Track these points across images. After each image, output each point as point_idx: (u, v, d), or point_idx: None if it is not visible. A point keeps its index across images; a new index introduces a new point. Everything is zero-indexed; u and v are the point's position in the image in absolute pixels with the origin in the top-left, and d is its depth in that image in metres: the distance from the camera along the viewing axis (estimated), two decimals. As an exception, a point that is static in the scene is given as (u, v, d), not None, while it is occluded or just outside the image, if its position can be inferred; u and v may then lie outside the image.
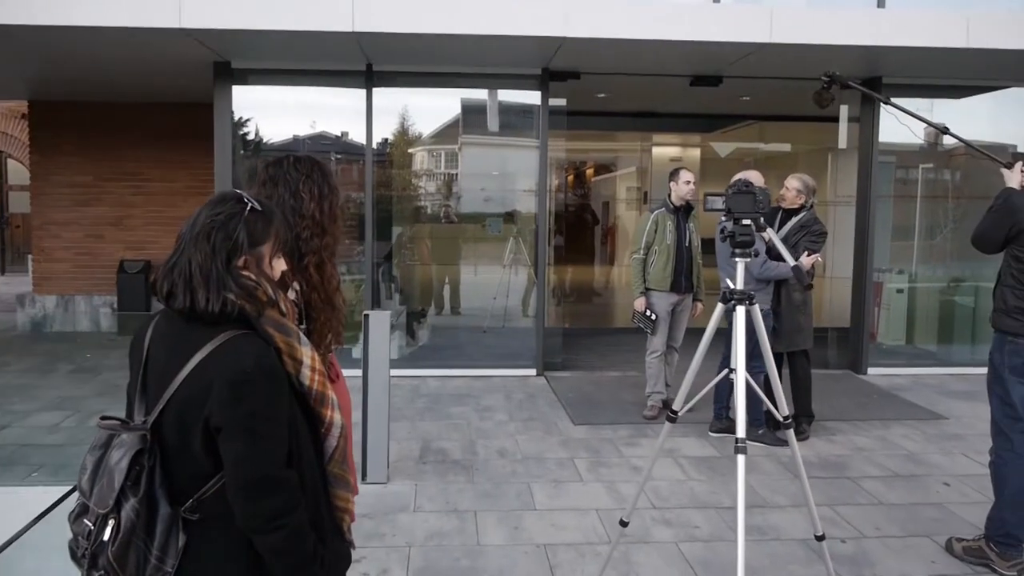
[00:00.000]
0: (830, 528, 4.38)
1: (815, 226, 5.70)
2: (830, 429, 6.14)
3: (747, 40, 6.48)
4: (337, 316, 2.37)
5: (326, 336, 2.36)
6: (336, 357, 2.63)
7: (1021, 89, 8.11)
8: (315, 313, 2.32)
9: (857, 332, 8.18)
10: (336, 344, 2.44)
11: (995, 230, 3.89)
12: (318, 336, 2.32)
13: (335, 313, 2.36)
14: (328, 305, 2.34)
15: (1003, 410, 3.97)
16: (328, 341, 2.38)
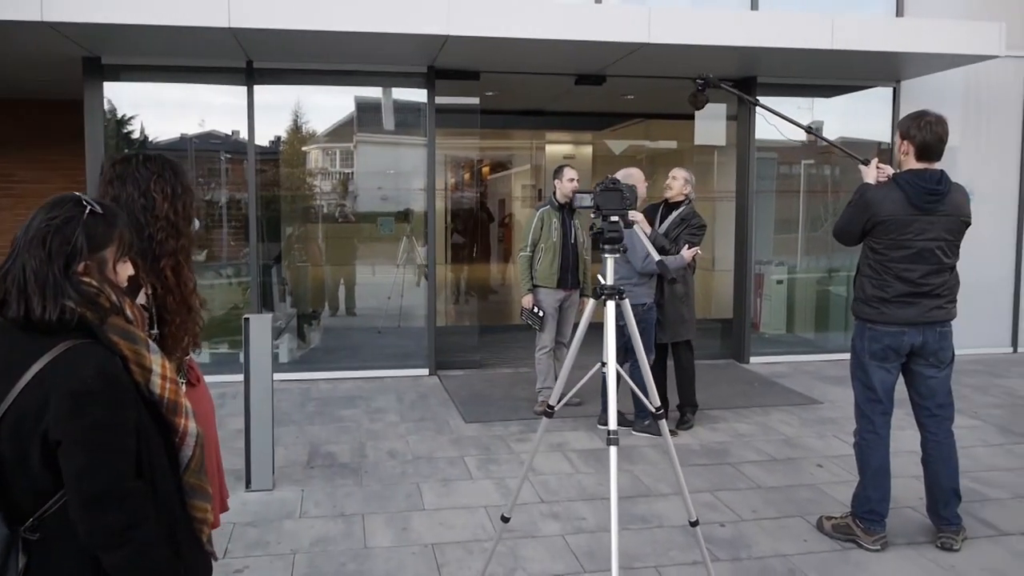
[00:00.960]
0: (711, 513, 4.53)
1: (694, 219, 5.88)
2: (714, 417, 6.35)
3: (626, 40, 6.61)
4: (194, 319, 2.30)
5: (183, 340, 2.28)
6: (195, 361, 2.56)
7: (885, 88, 8.54)
8: (171, 316, 2.24)
9: (739, 323, 8.48)
10: (194, 348, 2.37)
11: (853, 223, 4.09)
12: (174, 340, 2.25)
13: (191, 316, 2.29)
14: (184, 308, 2.27)
15: (865, 394, 4.18)
16: (186, 345, 2.31)
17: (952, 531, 4.12)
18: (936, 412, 4.15)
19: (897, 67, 7.93)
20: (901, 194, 3.95)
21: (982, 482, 5.02)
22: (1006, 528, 4.37)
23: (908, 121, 4.05)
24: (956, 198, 4.02)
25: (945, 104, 8.32)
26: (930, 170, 3.96)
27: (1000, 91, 8.78)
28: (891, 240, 3.96)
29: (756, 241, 8.73)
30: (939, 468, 4.15)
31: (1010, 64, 8.64)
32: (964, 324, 8.56)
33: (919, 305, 3.99)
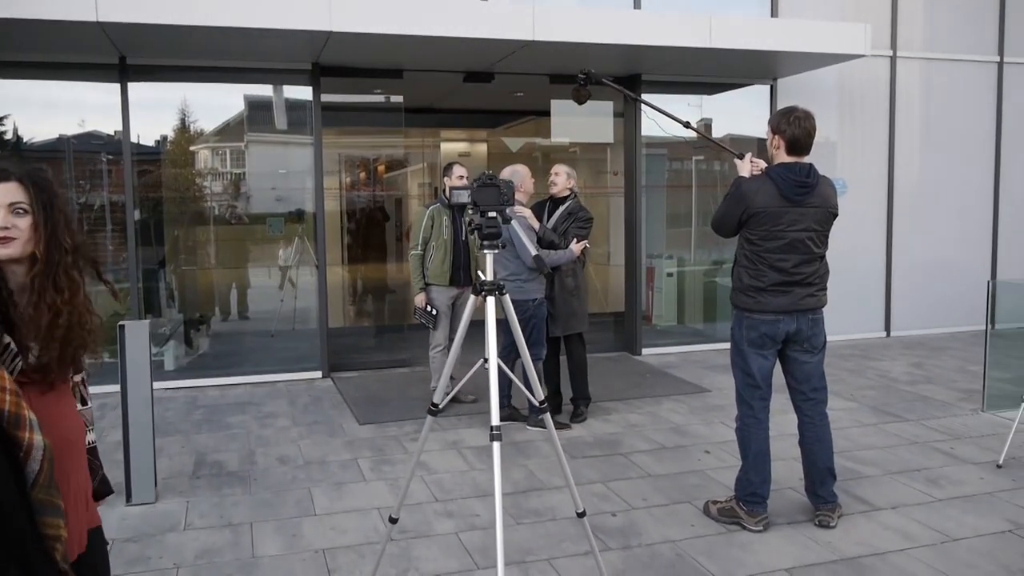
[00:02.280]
0: (603, 504, 4.60)
1: (581, 213, 5.96)
2: (606, 409, 6.45)
3: (511, 38, 6.65)
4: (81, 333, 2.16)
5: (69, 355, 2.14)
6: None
7: (763, 86, 8.86)
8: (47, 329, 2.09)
9: (631, 316, 8.66)
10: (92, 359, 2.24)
11: (729, 215, 4.22)
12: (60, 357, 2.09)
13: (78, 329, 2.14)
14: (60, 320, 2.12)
15: (744, 380, 4.32)
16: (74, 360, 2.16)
17: (828, 509, 4.31)
18: (811, 396, 4.34)
19: (773, 65, 8.25)
20: (773, 186, 4.09)
21: (857, 460, 5.27)
22: (878, 503, 4.60)
23: (778, 117, 4.20)
24: (824, 190, 4.19)
25: (821, 101, 8.77)
26: (800, 164, 4.12)
27: (870, 89, 9.24)
28: (765, 231, 4.10)
29: (647, 235, 8.93)
30: (815, 449, 4.34)
31: (879, 63, 9.12)
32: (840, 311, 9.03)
33: (792, 293, 4.14)
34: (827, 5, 8.84)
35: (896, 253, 9.44)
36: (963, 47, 9.53)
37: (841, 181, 9.11)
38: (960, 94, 9.60)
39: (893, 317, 9.47)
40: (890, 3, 9.18)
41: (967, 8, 9.56)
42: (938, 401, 6.69)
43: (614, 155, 10.47)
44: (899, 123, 9.36)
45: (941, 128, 9.56)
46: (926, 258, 9.44)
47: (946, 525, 4.31)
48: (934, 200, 9.52)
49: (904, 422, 6.12)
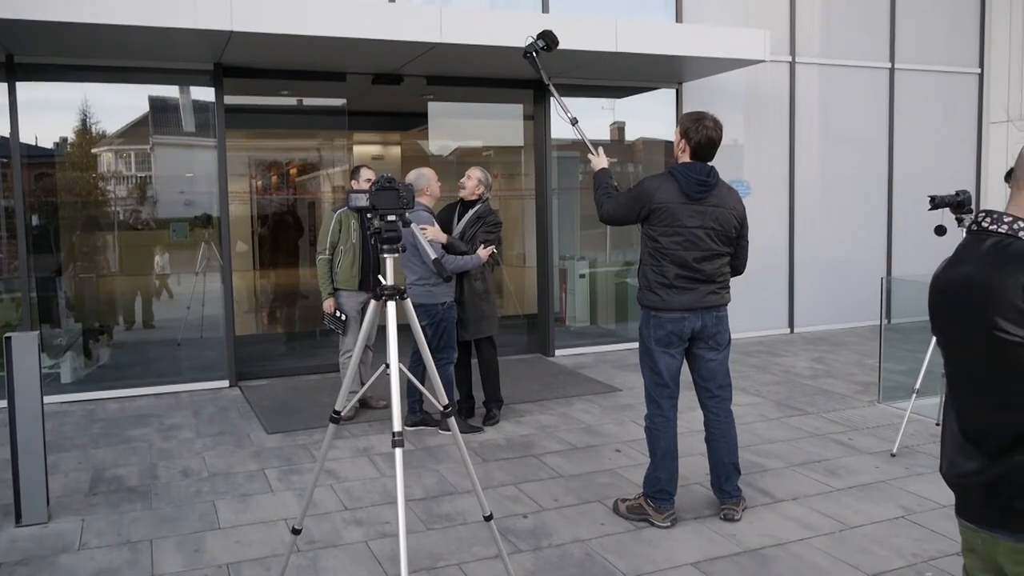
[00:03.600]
0: (514, 506, 4.60)
1: (490, 217, 5.96)
2: (519, 411, 6.47)
3: (419, 40, 6.60)
4: None
5: None
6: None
7: (669, 90, 9.04)
8: None
9: (544, 317, 8.71)
10: None
11: (630, 208, 4.29)
12: None
13: None
14: None
15: (653, 379, 4.39)
16: None
17: (733, 503, 4.41)
18: (716, 393, 4.43)
19: (678, 69, 8.43)
20: (675, 183, 4.18)
21: (761, 454, 5.42)
22: (780, 495, 4.73)
23: (688, 121, 4.28)
24: (726, 193, 4.30)
25: (726, 104, 8.99)
26: (701, 164, 4.21)
27: (772, 93, 9.53)
28: (666, 227, 4.18)
29: (561, 237, 9.01)
30: (720, 445, 4.43)
31: (779, 68, 9.42)
32: (746, 309, 9.29)
33: (696, 291, 4.23)
34: (729, 12, 9.08)
35: (798, 252, 9.76)
36: (857, 54, 9.93)
37: (746, 183, 9.39)
38: (855, 98, 10.00)
39: (796, 314, 9.78)
40: (788, 11, 9.49)
41: (860, 17, 9.96)
42: (838, 394, 6.94)
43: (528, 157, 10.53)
44: (799, 126, 9.68)
45: (838, 131, 9.93)
46: (826, 256, 9.79)
47: (843, 514, 4.46)
48: (833, 200, 9.88)
49: (806, 415, 6.32)
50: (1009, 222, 1.92)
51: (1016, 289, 1.82)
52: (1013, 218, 1.92)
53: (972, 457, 2.00)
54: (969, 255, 1.98)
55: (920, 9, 10.21)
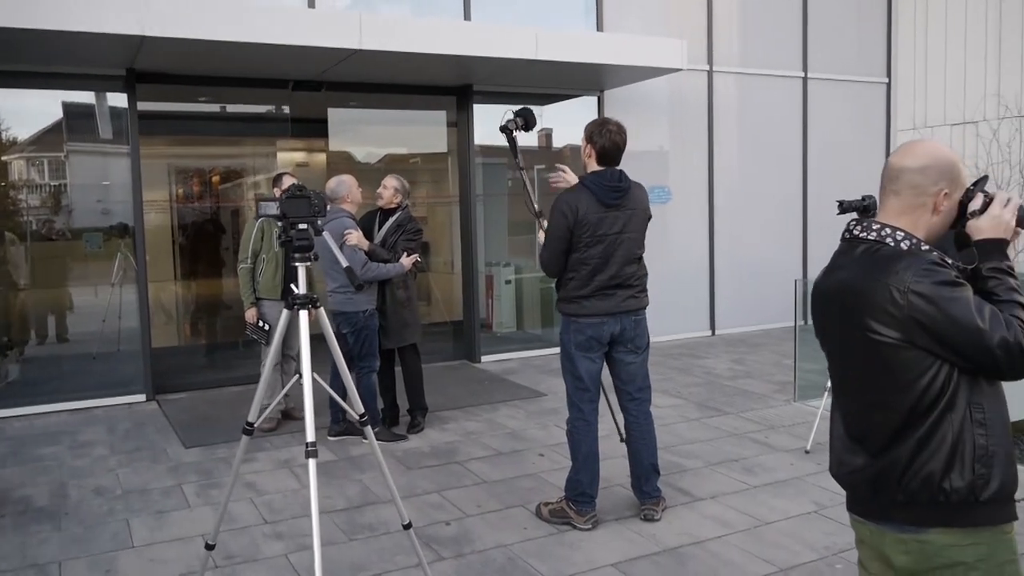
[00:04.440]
0: (437, 513, 4.59)
1: (410, 224, 5.95)
2: (444, 418, 6.46)
3: (338, 46, 6.55)
4: None
5: None
6: None
7: (591, 97, 9.17)
8: None
9: (470, 324, 8.72)
10: None
11: (559, 242, 4.24)
12: None
13: None
14: None
15: (574, 383, 4.43)
16: None
17: (653, 503, 4.49)
18: (636, 395, 4.50)
19: (599, 77, 8.56)
20: (589, 194, 4.23)
21: (681, 455, 5.53)
22: (699, 494, 4.84)
23: (592, 127, 4.35)
24: (637, 194, 4.37)
25: (647, 112, 9.18)
26: (610, 170, 4.28)
27: (692, 101, 9.74)
28: (589, 238, 4.22)
29: (487, 243, 9.04)
30: (640, 447, 4.51)
31: (698, 77, 9.64)
32: (669, 312, 9.46)
33: (615, 296, 4.29)
34: (649, 22, 9.24)
35: (718, 256, 9.99)
36: (772, 63, 10.23)
37: (666, 189, 9.58)
38: (771, 106, 10.30)
39: (717, 317, 10.01)
40: (706, 22, 9.73)
41: (775, 28, 10.27)
42: (756, 394, 7.12)
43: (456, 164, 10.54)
44: (718, 134, 9.91)
45: (756, 138, 10.21)
46: (745, 260, 10.04)
47: (759, 510, 4.58)
48: (751, 206, 10.14)
49: (725, 415, 6.47)
50: (877, 229, 2.02)
51: (884, 292, 1.92)
52: (881, 225, 2.03)
53: (857, 454, 2.09)
54: (843, 262, 2.08)
55: (831, 21, 10.57)
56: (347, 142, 12.25)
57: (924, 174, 2.01)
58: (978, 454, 1.93)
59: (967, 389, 1.94)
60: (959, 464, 1.93)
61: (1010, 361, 1.88)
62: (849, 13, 10.79)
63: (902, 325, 1.91)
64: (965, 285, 1.92)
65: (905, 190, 2.03)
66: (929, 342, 1.90)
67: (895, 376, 1.96)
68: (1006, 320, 1.89)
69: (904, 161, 2.04)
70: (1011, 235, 2.01)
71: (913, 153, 2.05)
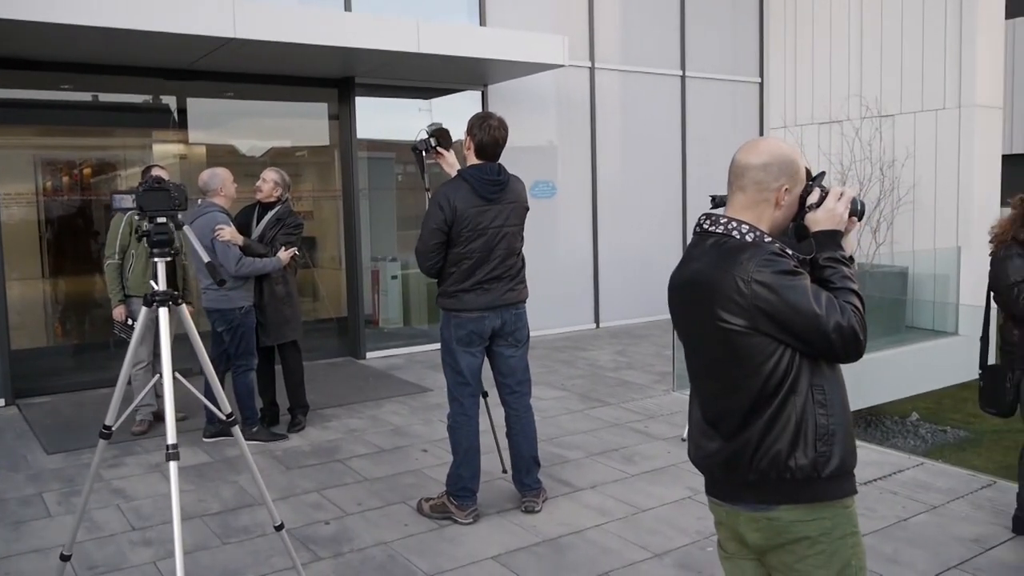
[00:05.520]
0: (317, 513, 4.51)
1: (290, 219, 5.81)
2: (326, 416, 6.35)
3: (210, 34, 6.32)
4: None
5: None
6: None
7: (475, 92, 9.18)
8: None
9: (354, 319, 8.60)
10: None
11: (434, 235, 4.20)
12: None
13: None
14: None
15: (455, 378, 4.43)
16: None
17: (533, 495, 4.54)
18: (516, 388, 4.54)
19: (482, 72, 8.57)
20: (468, 187, 4.23)
21: (563, 446, 5.61)
22: (580, 484, 4.92)
23: (475, 120, 4.35)
24: (516, 187, 4.40)
25: (532, 107, 9.26)
26: (489, 164, 4.29)
27: (576, 97, 9.88)
28: (469, 232, 4.22)
29: (374, 238, 8.93)
30: (520, 439, 4.54)
31: (581, 73, 9.79)
32: (554, 306, 9.59)
33: (495, 290, 4.31)
34: (532, 18, 9.31)
35: (602, 250, 10.17)
36: (652, 61, 10.49)
37: (551, 183, 9.70)
38: (652, 104, 10.56)
39: (601, 310, 10.20)
40: (587, 19, 9.88)
41: (654, 27, 10.54)
42: (637, 384, 7.30)
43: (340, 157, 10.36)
44: (600, 129, 10.09)
45: (638, 134, 10.45)
46: (628, 253, 10.26)
47: (636, 498, 4.70)
48: (634, 200, 10.37)
49: (607, 406, 6.61)
50: (725, 223, 2.11)
51: (732, 282, 2.00)
52: (728, 219, 2.11)
53: (712, 438, 2.17)
54: (696, 254, 2.16)
55: (707, 22, 10.92)
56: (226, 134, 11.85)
57: (766, 171, 2.10)
58: (820, 432, 2.03)
59: (809, 372, 2.04)
60: (803, 443, 2.03)
61: (844, 344, 1.99)
62: (724, 14, 11.18)
63: (747, 313, 1.99)
64: (803, 274, 2.02)
65: (749, 186, 2.11)
66: (772, 328, 1.99)
67: (743, 362, 2.04)
68: (840, 306, 2.00)
69: (748, 158, 2.13)
70: (844, 226, 2.13)
71: (756, 151, 2.14)
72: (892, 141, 9.69)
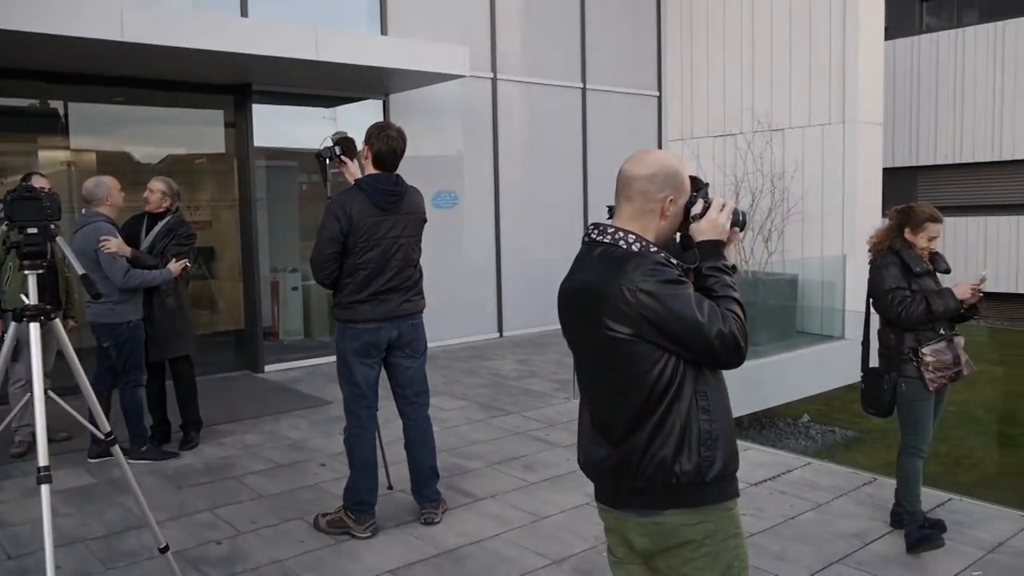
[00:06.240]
0: (209, 532, 4.37)
1: (182, 229, 5.63)
2: (221, 432, 6.16)
3: (98, 37, 6.07)
4: None
5: None
6: None
7: (376, 101, 9.10)
8: None
9: (252, 332, 8.39)
10: None
11: (329, 244, 4.14)
12: None
13: None
14: None
15: (351, 390, 4.37)
16: None
17: (432, 506, 4.51)
18: (414, 400, 4.51)
19: (382, 81, 8.51)
20: (364, 197, 4.19)
21: (464, 456, 5.60)
22: (480, 494, 4.92)
23: (373, 129, 4.31)
24: (414, 198, 4.38)
25: (434, 117, 9.26)
26: (387, 174, 4.26)
27: (478, 107, 9.92)
28: (365, 242, 4.17)
29: (273, 249, 8.74)
30: (419, 451, 4.52)
31: (484, 84, 9.84)
32: (457, 315, 9.59)
33: (391, 301, 4.28)
34: (433, 28, 9.30)
35: (505, 259, 10.22)
36: (553, 73, 10.63)
37: (453, 193, 9.69)
38: (554, 115, 10.69)
39: (505, 319, 10.24)
40: (489, 30, 9.94)
41: (556, 40, 10.68)
42: (539, 392, 7.35)
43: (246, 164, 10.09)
44: (503, 140, 10.15)
45: (540, 145, 10.56)
46: (531, 262, 10.33)
47: (536, 506, 4.72)
48: (536, 210, 10.46)
49: (509, 415, 6.63)
50: (612, 233, 2.15)
51: (618, 291, 2.04)
52: (615, 229, 2.15)
53: (601, 445, 2.20)
54: (584, 264, 2.20)
55: (607, 36, 11.14)
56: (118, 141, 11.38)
57: (652, 182, 2.14)
58: (703, 438, 2.09)
59: (692, 379, 2.09)
60: (687, 448, 2.08)
61: (726, 351, 2.05)
62: (624, 29, 11.43)
63: (632, 321, 2.03)
64: (687, 283, 2.07)
65: (636, 196, 2.16)
66: (656, 336, 2.03)
67: (629, 369, 2.08)
68: (722, 314, 2.05)
69: (634, 170, 2.17)
70: (727, 236, 2.20)
71: (643, 162, 2.18)
72: (782, 154, 10.07)
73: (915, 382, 4.17)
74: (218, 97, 8.25)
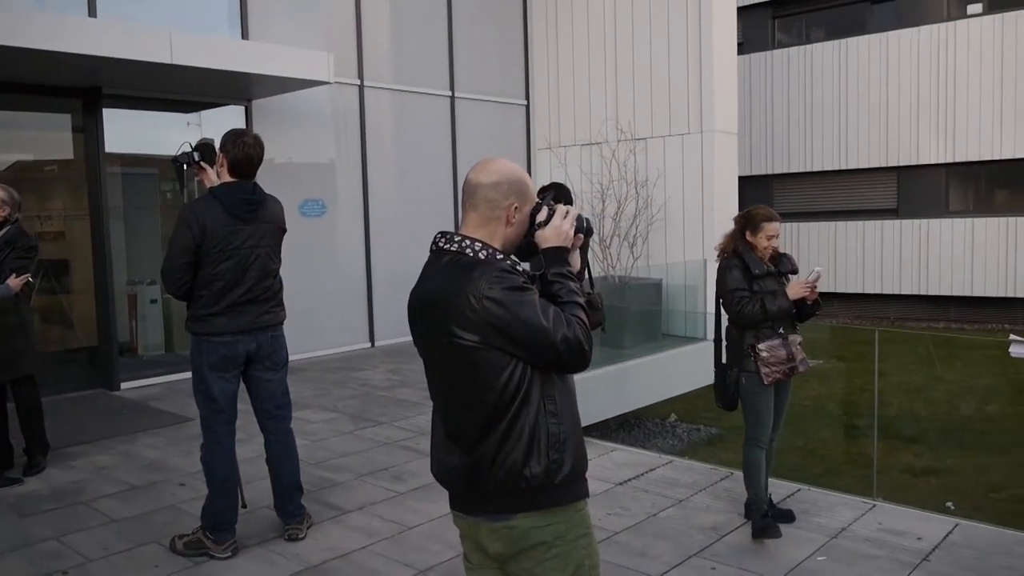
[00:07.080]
0: (54, 562, 4.12)
1: (23, 240, 5.29)
2: (71, 455, 5.82)
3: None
4: None
5: None
6: None
7: (238, 107, 8.83)
8: None
9: (106, 348, 7.97)
10: None
11: (181, 254, 4.01)
12: None
13: None
14: None
15: (208, 405, 4.22)
16: None
17: (296, 522, 4.42)
18: (275, 413, 4.40)
19: (243, 86, 8.27)
20: (220, 206, 4.07)
21: (332, 469, 5.50)
22: (347, 507, 4.85)
23: (229, 136, 4.19)
24: (273, 207, 4.29)
25: (299, 123, 9.08)
26: (243, 182, 4.14)
27: (345, 114, 9.78)
28: (219, 252, 4.04)
29: (130, 260, 8.34)
30: (281, 466, 4.41)
31: (351, 91, 9.72)
32: (327, 326, 9.43)
33: (249, 312, 4.16)
34: (297, 33, 9.11)
35: (375, 268, 10.11)
36: (422, 81, 10.61)
37: (321, 202, 9.53)
38: (424, 123, 10.67)
39: (376, 328, 10.12)
40: (355, 37, 9.83)
41: (424, 46, 10.67)
42: (409, 402, 7.30)
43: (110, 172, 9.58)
44: (371, 148, 10.05)
45: (411, 152, 10.52)
46: (402, 271, 10.16)
47: (404, 516, 4.70)
48: (407, 217, 10.40)
49: (378, 425, 6.56)
50: (459, 241, 2.17)
51: (463, 299, 2.06)
52: (462, 237, 2.18)
53: (453, 452, 2.22)
54: (431, 272, 2.21)
55: (474, 45, 11.22)
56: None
57: (496, 189, 2.17)
58: (551, 441, 2.13)
59: (540, 384, 2.13)
60: (536, 452, 2.12)
61: (571, 355, 2.10)
62: (491, 38, 11.54)
63: (479, 328, 2.05)
64: (532, 289, 2.11)
65: (481, 204, 2.18)
66: (503, 342, 2.06)
67: (478, 376, 2.10)
68: (567, 319, 2.10)
69: (479, 178, 2.20)
70: (571, 243, 2.25)
71: (487, 170, 2.21)
72: (645, 162, 10.40)
73: (753, 376, 4.41)
74: (66, 101, 7.80)
